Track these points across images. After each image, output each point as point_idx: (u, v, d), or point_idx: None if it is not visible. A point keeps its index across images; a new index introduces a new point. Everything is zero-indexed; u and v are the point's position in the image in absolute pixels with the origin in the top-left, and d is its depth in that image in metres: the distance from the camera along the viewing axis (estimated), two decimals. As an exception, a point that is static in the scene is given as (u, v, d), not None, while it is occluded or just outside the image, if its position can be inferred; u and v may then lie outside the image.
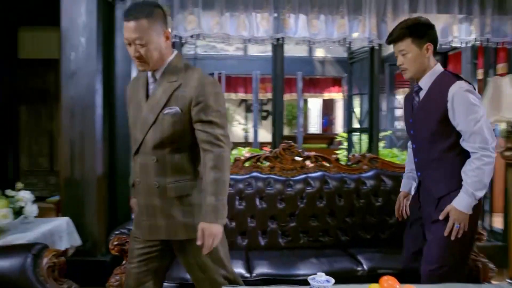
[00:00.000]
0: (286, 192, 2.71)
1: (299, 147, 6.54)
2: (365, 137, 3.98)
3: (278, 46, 3.21)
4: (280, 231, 2.67)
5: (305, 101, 11.08)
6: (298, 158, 2.86)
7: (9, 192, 2.46)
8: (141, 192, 1.63)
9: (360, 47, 3.56)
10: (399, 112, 6.23)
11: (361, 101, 3.69)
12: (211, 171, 1.51)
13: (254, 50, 6.92)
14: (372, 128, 3.34)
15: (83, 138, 2.96)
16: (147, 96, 1.61)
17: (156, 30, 1.51)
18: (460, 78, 1.82)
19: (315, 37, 3.13)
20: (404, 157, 4.00)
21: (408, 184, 2.14)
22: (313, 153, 2.91)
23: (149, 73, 1.61)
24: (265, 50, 7.10)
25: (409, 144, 2.09)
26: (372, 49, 3.28)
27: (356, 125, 4.68)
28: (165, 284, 1.92)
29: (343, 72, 7.20)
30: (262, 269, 2.23)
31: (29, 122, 5.26)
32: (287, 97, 7.87)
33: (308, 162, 2.86)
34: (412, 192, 2.11)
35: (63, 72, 2.96)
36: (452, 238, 1.74)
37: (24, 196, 2.49)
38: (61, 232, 2.57)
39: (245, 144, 10.47)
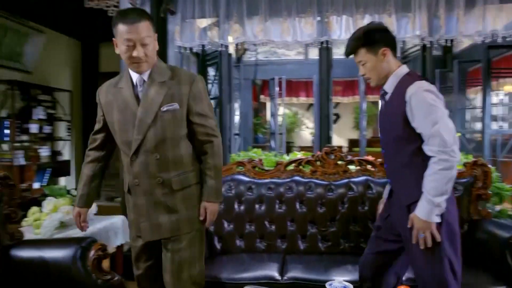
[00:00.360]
0: (327, 197, 2.68)
1: (361, 151, 6.37)
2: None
3: (322, 50, 3.18)
4: (320, 235, 2.64)
5: (375, 104, 10.68)
6: (341, 162, 2.80)
7: (73, 191, 2.78)
8: (140, 192, 1.68)
9: (413, 45, 3.38)
10: (471, 113, 5.73)
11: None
12: (211, 158, 1.72)
13: (315, 54, 6.87)
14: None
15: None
16: (137, 98, 1.67)
17: (153, 33, 1.63)
18: (422, 79, 1.69)
19: (360, 38, 3.04)
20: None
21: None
22: (357, 157, 2.84)
23: (136, 76, 1.67)
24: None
25: None
26: (423, 47, 3.10)
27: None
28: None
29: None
30: (294, 273, 2.23)
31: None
32: (349, 100, 7.68)
33: (352, 166, 2.80)
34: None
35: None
36: (421, 247, 1.60)
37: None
38: (116, 229, 2.83)
39: (312, 148, 10.41)
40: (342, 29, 3.06)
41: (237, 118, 6.47)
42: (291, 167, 2.84)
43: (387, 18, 3.00)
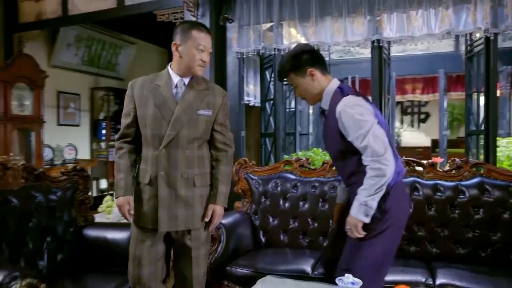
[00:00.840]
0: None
1: (440, 152, 5.95)
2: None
3: (374, 49, 3.13)
4: (361, 235, 2.64)
5: (460, 101, 9.77)
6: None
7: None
8: (164, 184, 1.80)
9: (477, 38, 3.10)
10: None
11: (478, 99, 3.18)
12: (224, 165, 1.89)
13: (394, 50, 6.60)
14: (488, 131, 2.89)
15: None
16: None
17: None
18: (349, 93, 1.72)
19: (414, 34, 2.94)
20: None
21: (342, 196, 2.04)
22: (404, 157, 2.75)
23: (177, 79, 1.85)
24: (404, 50, 6.71)
25: None
26: (487, 40, 2.86)
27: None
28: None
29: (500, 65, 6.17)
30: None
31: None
32: (429, 97, 7.20)
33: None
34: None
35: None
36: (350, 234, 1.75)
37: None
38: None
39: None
40: (394, 26, 2.98)
41: (311, 118, 6.56)
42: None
43: (444, 11, 2.84)
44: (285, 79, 1.90)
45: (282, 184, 2.89)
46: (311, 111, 6.46)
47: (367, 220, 1.69)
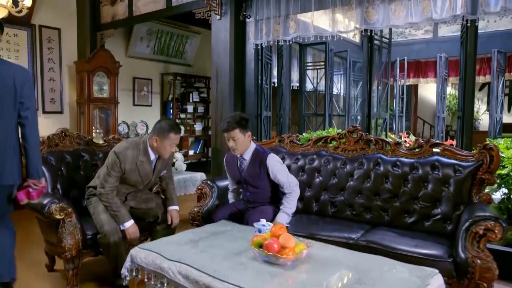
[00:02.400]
0: (340, 169, 3.08)
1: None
2: None
3: (364, 37, 3.44)
4: (330, 202, 3.09)
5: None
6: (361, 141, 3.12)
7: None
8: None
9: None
10: None
11: None
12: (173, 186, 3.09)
13: (444, 31, 6.41)
14: None
15: (222, 119, 4.22)
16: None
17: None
18: (268, 152, 2.93)
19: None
20: None
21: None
22: (374, 137, 3.09)
23: (153, 156, 2.76)
24: (458, 30, 6.46)
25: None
26: None
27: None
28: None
29: None
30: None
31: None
32: (482, 79, 6.77)
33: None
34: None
35: (213, 73, 4.32)
36: None
37: (176, 155, 4.00)
38: (194, 181, 3.94)
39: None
40: (380, 17, 3.26)
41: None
42: (320, 143, 3.32)
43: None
44: (229, 131, 2.80)
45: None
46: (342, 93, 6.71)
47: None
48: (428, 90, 10.54)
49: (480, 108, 10.53)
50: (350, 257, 1.92)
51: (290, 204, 2.79)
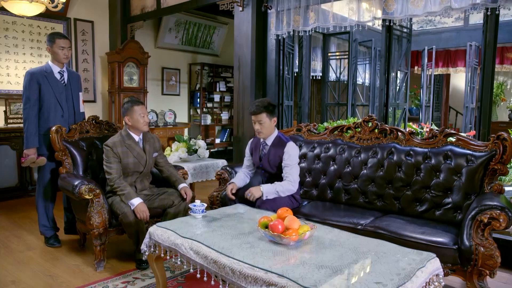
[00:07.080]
0: (355, 158, 3.14)
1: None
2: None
3: (383, 26, 3.44)
4: (344, 189, 3.16)
5: None
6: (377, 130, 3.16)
7: (192, 140, 4.20)
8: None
9: None
10: None
11: None
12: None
13: (475, 19, 6.19)
14: None
15: (243, 108, 4.36)
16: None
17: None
18: (289, 140, 3.03)
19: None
20: None
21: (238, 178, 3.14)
22: (389, 126, 3.12)
23: (137, 138, 3.01)
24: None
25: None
26: None
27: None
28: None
29: None
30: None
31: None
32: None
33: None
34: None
35: (235, 64, 4.44)
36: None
37: (199, 143, 4.17)
38: (216, 167, 4.10)
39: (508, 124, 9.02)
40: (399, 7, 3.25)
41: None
42: (336, 132, 3.39)
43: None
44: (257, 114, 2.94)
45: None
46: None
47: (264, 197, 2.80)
48: (461, 79, 10.19)
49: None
50: (352, 240, 2.01)
51: (283, 188, 2.86)
